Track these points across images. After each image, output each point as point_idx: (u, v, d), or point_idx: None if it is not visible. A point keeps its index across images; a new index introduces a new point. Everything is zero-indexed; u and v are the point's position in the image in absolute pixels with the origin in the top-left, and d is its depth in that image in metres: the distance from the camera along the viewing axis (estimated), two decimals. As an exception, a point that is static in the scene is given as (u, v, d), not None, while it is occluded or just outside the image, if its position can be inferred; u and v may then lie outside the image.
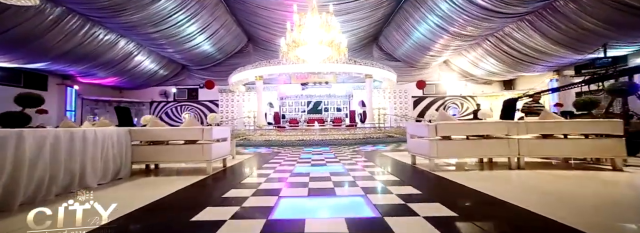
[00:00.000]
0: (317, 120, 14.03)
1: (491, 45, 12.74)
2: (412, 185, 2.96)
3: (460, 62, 15.78)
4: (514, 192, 2.73)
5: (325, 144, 9.47)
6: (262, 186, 3.09)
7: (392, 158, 5.51)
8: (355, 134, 10.19)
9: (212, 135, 3.86)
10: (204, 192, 3.00)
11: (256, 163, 5.15)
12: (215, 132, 3.97)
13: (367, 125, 11.48)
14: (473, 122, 3.87)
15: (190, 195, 2.81)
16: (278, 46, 13.48)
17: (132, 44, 12.63)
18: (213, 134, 3.87)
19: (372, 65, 11.94)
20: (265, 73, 11.57)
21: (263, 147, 8.85)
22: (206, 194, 2.89)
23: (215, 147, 3.98)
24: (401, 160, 5.01)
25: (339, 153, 6.57)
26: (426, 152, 3.83)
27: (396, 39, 15.20)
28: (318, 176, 3.65)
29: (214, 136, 3.94)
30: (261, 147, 9.06)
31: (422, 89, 16.41)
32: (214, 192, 2.98)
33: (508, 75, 14.56)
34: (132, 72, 14.46)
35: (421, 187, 2.93)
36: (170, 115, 17.13)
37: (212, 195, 2.83)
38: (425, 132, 3.80)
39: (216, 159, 4.08)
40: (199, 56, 15.37)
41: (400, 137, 10.66)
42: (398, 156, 5.74)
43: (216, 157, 4.04)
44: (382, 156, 5.98)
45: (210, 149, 3.83)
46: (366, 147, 8.42)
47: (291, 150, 7.83)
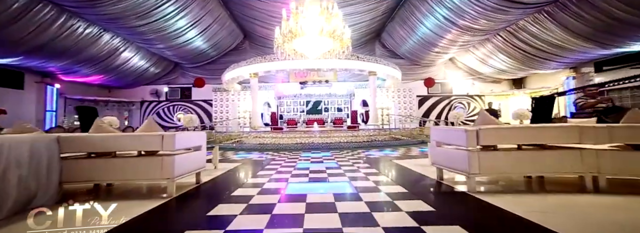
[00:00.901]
0: (316, 121, 13.00)
1: (502, 41, 11.70)
2: (453, 218, 1.94)
3: (467, 59, 14.76)
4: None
5: (326, 148, 8.43)
6: (237, 223, 2.04)
7: (408, 169, 4.46)
8: (358, 136, 9.16)
9: (176, 143, 2.80)
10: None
11: (239, 178, 4.10)
12: (181, 140, 2.91)
13: (370, 127, 10.44)
14: (531, 127, 2.82)
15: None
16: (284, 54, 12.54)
17: (117, 38, 11.55)
18: (177, 142, 2.81)
19: (376, 62, 10.89)
20: (260, 70, 10.53)
21: (256, 152, 7.79)
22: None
23: (181, 159, 2.92)
24: (422, 173, 3.96)
25: (343, 161, 5.52)
26: (463, 166, 2.79)
27: (400, 34, 14.17)
28: (318, 202, 2.60)
29: (179, 145, 2.89)
30: (254, 151, 8.01)
31: (431, 86, 15.26)
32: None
33: (519, 73, 13.53)
34: (119, 70, 13.39)
35: (466, 221, 1.90)
36: (162, 116, 16.06)
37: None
38: (462, 140, 2.76)
39: (184, 176, 3.03)
40: (191, 53, 14.31)
41: (408, 139, 9.63)
42: (414, 165, 4.69)
43: (183, 172, 2.98)
44: (395, 166, 4.93)
45: (172, 163, 2.78)
46: (372, 151, 7.37)
47: (287, 155, 6.78)
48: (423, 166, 4.56)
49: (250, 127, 10.88)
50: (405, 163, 4.96)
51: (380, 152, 7.09)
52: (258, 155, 6.90)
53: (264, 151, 7.94)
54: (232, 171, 4.59)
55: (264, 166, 5.05)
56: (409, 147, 8.30)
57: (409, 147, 8.49)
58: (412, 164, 4.86)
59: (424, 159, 5.55)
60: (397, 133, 10.09)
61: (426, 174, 3.85)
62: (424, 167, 4.43)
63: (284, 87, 15.62)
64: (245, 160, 6.11)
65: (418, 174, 3.96)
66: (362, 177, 3.84)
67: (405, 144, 9.20)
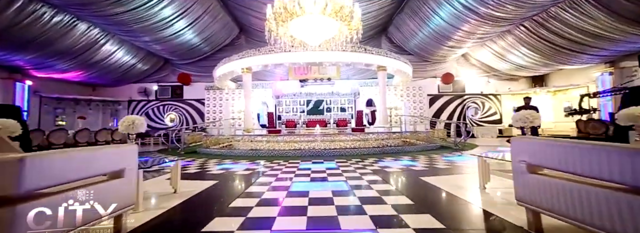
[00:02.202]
0: (318, 123, 11.53)
1: (525, 32, 10.19)
2: None
3: (482, 55, 13.25)
4: None
5: (330, 155, 6.96)
6: None
7: (457, 198, 2.94)
8: (366, 141, 7.68)
9: (42, 176, 1.33)
10: None
11: (195, 216, 2.61)
12: (51, 169, 1.44)
13: (380, 130, 8.95)
14: None
15: None
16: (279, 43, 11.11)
17: (95, 29, 10.11)
18: (44, 174, 1.34)
19: (386, 55, 9.40)
20: (253, 64, 9.07)
21: (245, 161, 6.32)
22: None
23: (53, 207, 1.45)
24: (490, 211, 2.47)
25: (354, 178, 4.04)
26: (613, 225, 1.31)
27: (410, 28, 12.67)
28: None
29: (46, 178, 1.41)
30: (244, 159, 6.54)
31: (449, 83, 13.64)
32: None
33: (541, 69, 12.00)
34: (102, 66, 11.95)
35: None
36: (151, 116, 14.61)
37: None
38: (613, 169, 1.29)
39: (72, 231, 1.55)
40: (181, 48, 12.86)
41: (424, 144, 8.14)
42: (459, 190, 3.20)
43: (66, 227, 1.51)
44: (430, 190, 3.44)
45: (11, 222, 1.30)
46: (386, 161, 5.89)
47: (283, 167, 5.31)
48: (473, 192, 3.08)
49: (243, 130, 9.41)
50: (443, 185, 3.46)
51: (398, 163, 5.60)
52: (246, 167, 5.42)
53: (255, 159, 6.47)
54: (196, 199, 3.11)
55: (245, 188, 3.57)
56: (428, 155, 6.80)
57: (428, 154, 7.00)
58: (453, 186, 3.37)
59: (463, 176, 4.07)
60: (411, 137, 8.60)
61: (494, 212, 2.36)
62: (476, 194, 2.96)
63: (283, 85, 14.14)
64: (226, 174, 4.63)
65: (480, 211, 2.47)
66: (391, 215, 2.35)
67: (422, 150, 7.72)
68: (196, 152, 8.40)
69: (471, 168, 4.70)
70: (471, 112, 14.26)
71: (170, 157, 7.49)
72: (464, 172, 4.48)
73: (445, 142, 9.03)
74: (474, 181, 3.43)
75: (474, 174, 3.51)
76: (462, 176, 4.13)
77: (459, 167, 4.98)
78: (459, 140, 8.12)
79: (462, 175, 4.22)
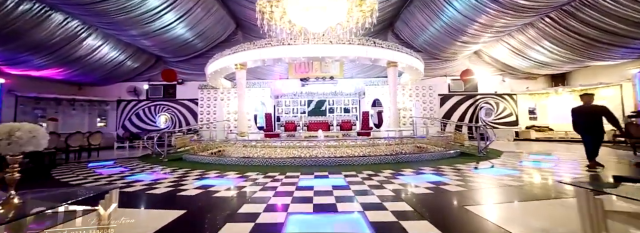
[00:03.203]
0: (320, 125, 10.37)
1: (551, 24, 9.00)
2: None
3: (497, 51, 12.06)
4: None
5: (335, 165, 5.80)
6: None
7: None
8: (377, 147, 6.51)
9: None
10: None
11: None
12: None
13: (392, 134, 7.78)
14: None
15: None
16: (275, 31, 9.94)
17: (74, 21, 8.97)
18: None
19: (398, 50, 8.22)
20: (248, 59, 7.92)
21: (233, 174, 5.16)
22: None
23: None
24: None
25: (373, 206, 2.86)
26: None
27: (419, 22, 11.51)
28: None
29: None
30: (233, 170, 5.38)
31: (468, 80, 12.22)
32: None
33: (564, 66, 10.79)
34: (86, 62, 10.80)
35: None
36: (142, 117, 13.47)
37: None
38: None
39: None
40: (173, 43, 11.71)
41: (442, 151, 6.96)
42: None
43: None
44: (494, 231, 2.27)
45: None
46: (406, 175, 4.73)
47: (278, 182, 4.15)
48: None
49: (236, 133, 8.26)
50: (513, 227, 2.28)
51: (421, 178, 4.43)
52: (232, 183, 4.25)
53: (247, 171, 5.31)
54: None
55: (221, 227, 2.40)
56: (452, 165, 5.63)
57: (451, 163, 5.83)
58: (529, 230, 2.19)
59: (527, 207, 2.87)
60: (426, 142, 7.42)
61: None
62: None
63: (283, 84, 13.01)
64: (202, 197, 3.46)
65: None
66: None
67: (441, 158, 6.56)
68: (182, 158, 7.26)
69: (524, 189, 3.54)
70: (484, 113, 13.07)
71: (148, 165, 6.36)
72: (522, 196, 3.31)
73: (465, 148, 7.86)
74: (559, 218, 2.26)
75: (543, 203, 2.34)
76: (526, 207, 2.95)
77: (505, 187, 3.81)
78: (483, 145, 6.94)
79: (525, 205, 3.02)
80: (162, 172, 5.42)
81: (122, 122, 13.38)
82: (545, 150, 8.28)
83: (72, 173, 5.33)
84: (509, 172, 4.77)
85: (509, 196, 3.35)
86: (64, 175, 5.21)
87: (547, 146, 9.40)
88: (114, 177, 4.89)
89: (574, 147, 8.78)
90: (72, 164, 6.72)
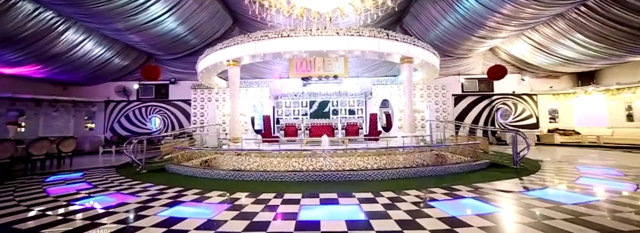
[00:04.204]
0: (323, 129, 9.21)
1: (586, 13, 7.80)
2: None
3: (516, 48, 10.88)
4: None
5: (344, 181, 4.66)
6: None
7: None
8: (391, 155, 5.34)
9: None
10: None
11: None
12: None
13: (407, 141, 6.60)
14: None
15: None
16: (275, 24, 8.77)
17: (48, 12, 7.88)
18: None
19: (414, 43, 7.04)
20: (241, 54, 6.77)
21: (218, 193, 4.01)
22: None
23: None
24: None
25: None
26: None
27: (431, 15, 10.34)
28: None
29: None
30: (218, 189, 4.23)
31: (500, 78, 10.21)
32: None
33: (596, 62, 9.56)
34: (67, 59, 9.70)
35: None
36: (132, 119, 12.34)
37: None
38: None
39: None
40: (164, 39, 10.59)
41: (468, 161, 5.78)
42: None
43: None
44: None
45: None
46: (443, 202, 3.57)
47: (271, 212, 2.99)
48: None
49: (229, 139, 7.10)
50: None
51: (462, 206, 3.26)
52: (209, 215, 3.08)
53: (235, 190, 4.15)
54: None
55: None
56: (490, 182, 4.46)
57: (487, 180, 4.65)
58: None
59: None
60: (450, 150, 6.24)
61: None
62: None
63: (282, 84, 11.85)
64: None
65: None
66: None
67: (470, 171, 5.40)
68: (165, 169, 6.13)
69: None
70: (501, 114, 11.88)
71: (120, 179, 5.17)
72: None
73: (492, 156, 6.69)
74: None
75: None
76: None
77: (597, 226, 2.63)
78: (520, 154, 5.76)
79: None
80: (129, 190, 4.27)
81: (111, 125, 12.26)
82: (589, 158, 7.03)
83: (9, 195, 4.10)
84: (580, 197, 3.56)
85: None
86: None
87: (582, 153, 8.15)
88: (61, 200, 3.74)
89: (614, 154, 7.59)
90: (34, 176, 5.59)
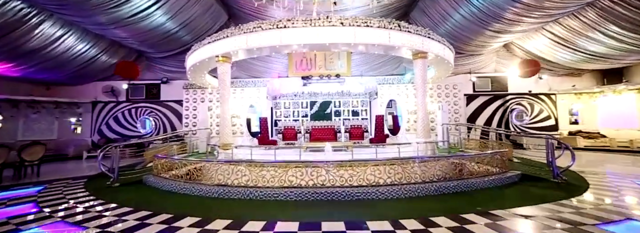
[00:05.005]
0: (325, 132, 8.26)
1: (624, 0, 6.81)
2: None
3: (533, 43, 9.88)
4: None
5: (352, 199, 3.71)
6: None
7: None
8: (407, 166, 4.38)
9: None
10: None
11: None
12: None
13: (422, 148, 5.64)
14: None
15: None
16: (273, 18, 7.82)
17: (16, 1, 6.95)
18: None
19: (429, 36, 6.07)
20: (232, 48, 5.85)
21: (190, 222, 3.05)
22: None
23: None
24: None
25: None
26: None
27: (441, 8, 9.40)
28: None
29: None
30: (197, 211, 3.27)
31: (533, 74, 9.23)
32: None
33: (629, 57, 8.53)
34: (46, 56, 8.79)
35: None
36: (121, 121, 11.42)
37: None
38: None
39: None
40: (153, 35, 9.69)
41: (497, 173, 4.80)
42: None
43: None
44: None
45: None
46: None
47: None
48: None
49: (219, 145, 6.16)
50: None
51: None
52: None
53: (213, 216, 3.19)
54: None
55: None
56: (539, 205, 3.50)
57: (534, 201, 3.69)
58: None
59: None
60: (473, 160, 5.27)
61: None
62: None
63: (281, 84, 10.91)
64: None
65: None
66: None
67: (500, 186, 4.44)
68: (142, 181, 5.20)
69: None
70: (515, 115, 10.89)
71: (82, 197, 4.02)
72: None
73: (521, 166, 5.72)
74: None
75: None
76: None
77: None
78: (558, 164, 4.78)
79: None
80: (80, 217, 3.32)
81: (98, 127, 11.35)
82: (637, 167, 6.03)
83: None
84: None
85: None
86: None
87: (618, 160, 7.12)
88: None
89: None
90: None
